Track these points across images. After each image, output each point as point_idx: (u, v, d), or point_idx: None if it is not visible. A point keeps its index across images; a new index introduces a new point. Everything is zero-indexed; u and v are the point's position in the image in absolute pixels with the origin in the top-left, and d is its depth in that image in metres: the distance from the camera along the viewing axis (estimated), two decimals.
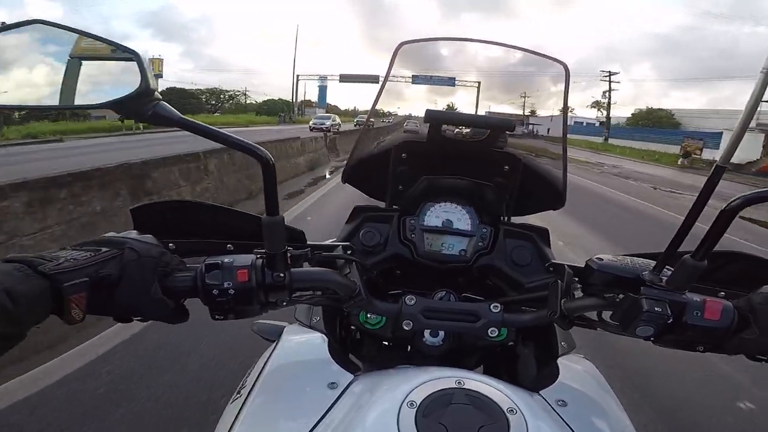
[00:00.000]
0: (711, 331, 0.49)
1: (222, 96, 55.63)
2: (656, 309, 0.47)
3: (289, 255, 0.51)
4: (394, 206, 0.80)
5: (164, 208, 0.62)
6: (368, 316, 0.70)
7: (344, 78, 48.98)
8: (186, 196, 4.53)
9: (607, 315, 0.54)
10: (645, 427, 1.85)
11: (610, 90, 38.67)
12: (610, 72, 39.65)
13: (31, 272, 0.38)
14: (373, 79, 43.88)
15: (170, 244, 0.56)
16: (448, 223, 0.77)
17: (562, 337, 0.69)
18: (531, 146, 0.83)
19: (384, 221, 0.77)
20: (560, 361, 0.62)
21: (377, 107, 0.84)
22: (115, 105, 0.42)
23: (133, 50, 0.42)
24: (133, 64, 0.42)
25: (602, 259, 0.54)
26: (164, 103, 0.43)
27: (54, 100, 0.45)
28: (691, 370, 2.35)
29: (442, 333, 0.67)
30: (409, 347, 0.73)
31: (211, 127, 0.45)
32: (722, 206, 0.42)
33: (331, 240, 0.73)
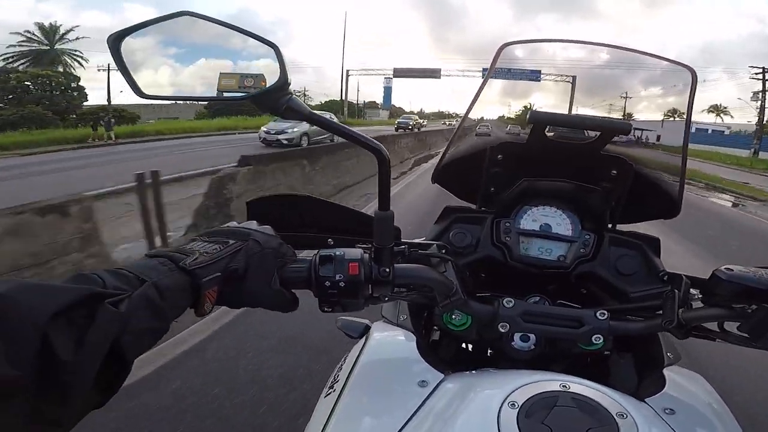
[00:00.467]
0: None
1: None
2: None
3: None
4: (485, 208, 0.79)
5: (278, 201, 0.66)
6: (452, 317, 0.69)
7: (399, 72, 43.84)
8: None
9: (731, 326, 0.53)
10: None
11: (764, 90, 28.97)
12: (764, 69, 29.06)
13: (175, 267, 0.39)
14: (433, 73, 40.59)
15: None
16: (547, 227, 0.75)
17: (667, 348, 0.66)
18: (640, 155, 0.77)
19: (476, 222, 0.77)
20: (666, 371, 0.60)
21: (438, 109, 0.83)
22: (255, 98, 0.45)
23: (273, 43, 0.44)
24: (273, 58, 0.44)
25: (732, 270, 0.52)
26: (296, 97, 0.44)
27: (199, 91, 0.49)
28: None
29: (533, 338, 0.66)
30: (489, 351, 0.72)
31: (336, 122, 0.48)
32: None
33: (421, 239, 0.73)
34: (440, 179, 0.84)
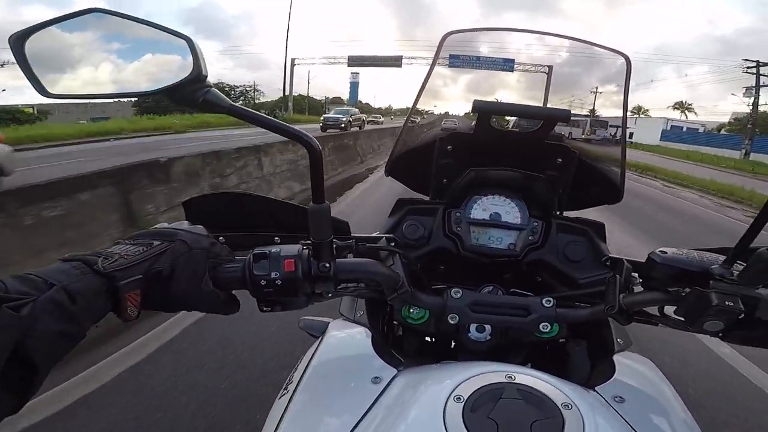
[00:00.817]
0: None
1: (231, 92, 47.75)
2: (727, 303, 0.45)
3: (334, 246, 0.51)
4: (438, 199, 0.79)
5: (215, 200, 0.63)
6: (411, 311, 0.69)
7: (355, 61, 38.42)
8: None
9: (669, 310, 0.52)
10: None
11: (758, 85, 26.48)
12: (757, 62, 26.65)
13: (88, 270, 0.38)
14: (395, 61, 36.55)
15: (220, 237, 0.57)
16: (496, 216, 0.75)
17: (617, 334, 0.67)
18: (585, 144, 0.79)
19: (428, 214, 0.76)
20: (616, 357, 0.60)
21: (405, 106, 0.83)
22: (169, 91, 0.42)
23: (187, 36, 0.41)
24: (186, 51, 0.41)
25: (666, 252, 0.52)
26: (215, 90, 0.43)
27: (110, 89, 0.45)
28: None
29: (488, 328, 0.66)
30: (453, 343, 0.72)
31: (260, 114, 0.45)
32: None
33: (376, 233, 0.72)
34: (393, 172, 0.84)
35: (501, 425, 0.39)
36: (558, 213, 0.77)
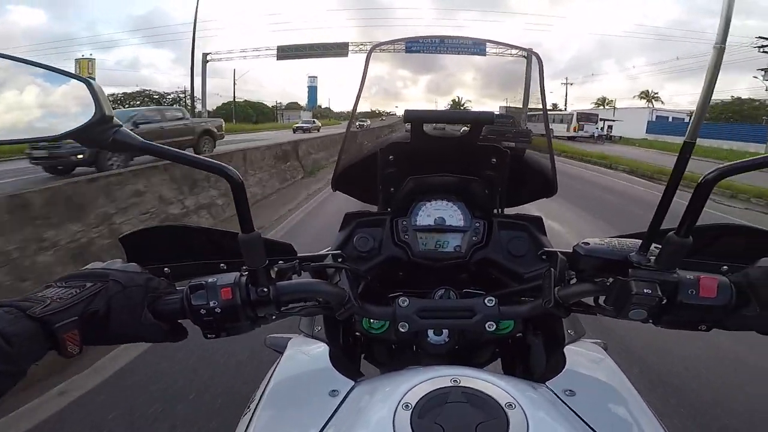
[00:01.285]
0: (709, 309, 0.46)
1: (162, 100, 43.91)
2: (646, 291, 0.45)
3: (276, 269, 0.52)
4: (387, 209, 0.80)
5: (152, 234, 0.63)
6: (371, 321, 0.70)
7: (285, 52, 31.45)
8: None
9: (602, 300, 0.52)
10: None
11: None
12: None
13: (22, 315, 0.39)
14: (339, 50, 30.37)
15: (165, 269, 0.58)
16: (441, 220, 0.77)
17: (569, 324, 0.67)
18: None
19: (377, 225, 0.77)
20: (568, 348, 0.61)
21: (370, 109, 0.83)
22: (74, 135, 0.41)
23: (85, 78, 0.41)
24: (87, 93, 0.41)
25: (588, 243, 0.53)
26: (125, 129, 0.42)
27: (12, 134, 0.44)
28: None
29: (445, 331, 0.66)
30: (415, 347, 0.72)
31: (176, 150, 0.44)
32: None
33: (326, 249, 0.73)
34: (339, 186, 0.84)
35: (447, 429, 0.39)
36: (499, 211, 0.79)
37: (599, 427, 0.45)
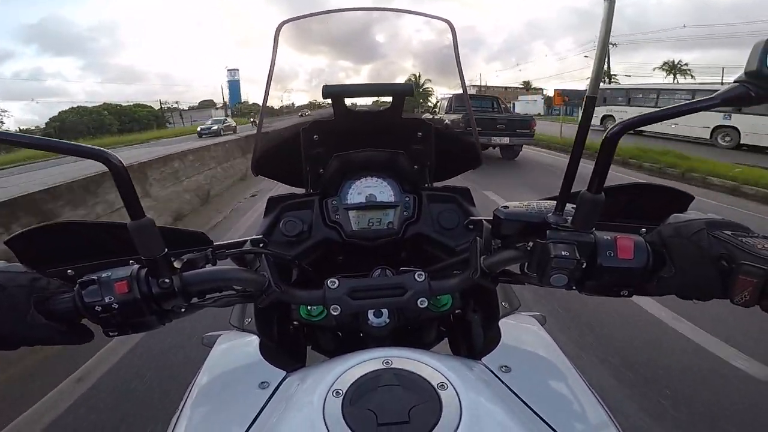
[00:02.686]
0: (629, 272, 0.45)
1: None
2: (564, 253, 0.43)
3: (185, 258, 0.50)
4: (316, 191, 0.77)
5: (44, 233, 0.56)
6: (309, 309, 0.67)
7: None
8: None
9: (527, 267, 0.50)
10: None
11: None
12: None
13: None
14: None
15: (69, 271, 0.54)
16: (372, 197, 0.75)
17: (503, 297, 0.66)
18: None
19: (304, 207, 0.75)
20: (504, 322, 0.60)
21: (309, 101, 0.79)
22: None
23: None
24: None
25: (508, 207, 0.51)
26: None
27: None
28: None
29: (385, 312, 0.64)
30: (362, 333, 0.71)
31: (34, 136, 0.40)
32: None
33: (250, 236, 0.68)
34: (261, 170, 0.79)
35: (380, 415, 0.38)
36: (429, 185, 0.79)
37: (535, 403, 0.45)
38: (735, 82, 0.38)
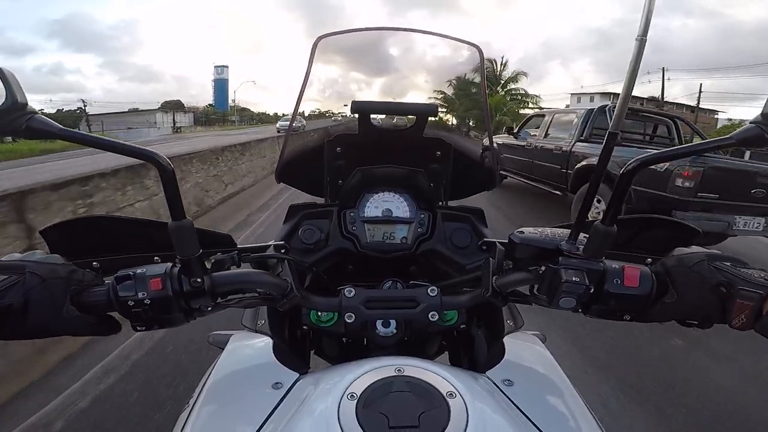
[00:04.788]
0: (633, 299, 0.49)
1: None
2: (574, 279, 0.47)
3: (213, 260, 0.52)
4: (335, 201, 0.79)
5: (76, 226, 0.58)
6: (319, 314, 0.69)
7: None
8: None
9: (536, 289, 0.53)
10: None
11: None
12: None
13: None
14: None
15: (94, 263, 0.55)
16: (388, 212, 0.77)
17: (508, 315, 0.70)
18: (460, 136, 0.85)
19: (323, 217, 0.77)
20: (507, 339, 0.63)
21: (309, 110, 0.80)
22: None
23: None
24: None
25: (523, 232, 0.54)
26: (40, 116, 0.40)
27: None
28: None
29: (393, 323, 0.66)
30: (366, 341, 0.72)
31: (95, 135, 0.43)
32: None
33: (271, 242, 0.70)
34: (284, 177, 0.82)
35: (392, 419, 0.40)
36: (444, 203, 0.81)
37: (534, 416, 0.47)
38: (751, 123, 0.39)
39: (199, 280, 0.47)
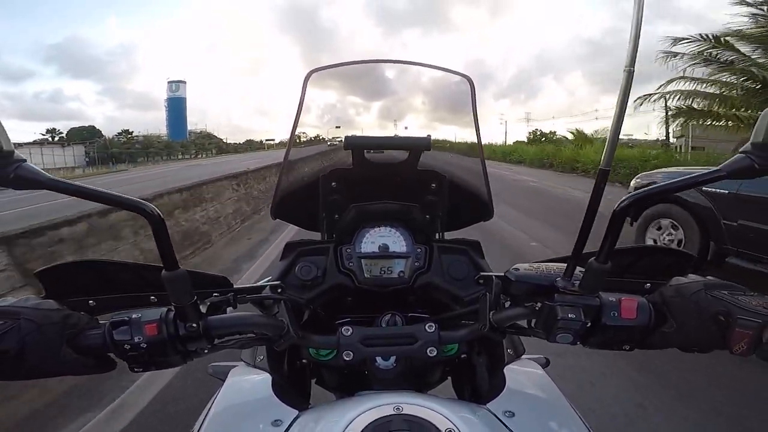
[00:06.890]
0: (631, 330, 0.49)
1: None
2: (570, 315, 0.47)
3: (208, 302, 0.54)
4: (331, 236, 0.79)
5: (72, 268, 0.58)
6: (318, 349, 0.68)
7: None
8: None
9: (534, 323, 0.54)
10: None
11: None
12: None
13: None
14: None
15: (90, 302, 0.56)
16: (384, 247, 0.77)
17: (509, 344, 0.70)
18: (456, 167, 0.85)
19: (320, 253, 0.76)
20: (508, 368, 0.62)
21: (289, 144, 0.78)
22: None
23: None
24: None
25: (518, 269, 0.54)
26: (28, 164, 0.39)
27: None
28: None
29: (393, 356, 0.66)
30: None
31: (85, 185, 0.42)
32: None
33: (265, 280, 0.70)
34: (280, 213, 0.80)
35: None
36: (440, 236, 0.80)
37: None
38: (741, 152, 0.39)
39: (194, 325, 0.48)
